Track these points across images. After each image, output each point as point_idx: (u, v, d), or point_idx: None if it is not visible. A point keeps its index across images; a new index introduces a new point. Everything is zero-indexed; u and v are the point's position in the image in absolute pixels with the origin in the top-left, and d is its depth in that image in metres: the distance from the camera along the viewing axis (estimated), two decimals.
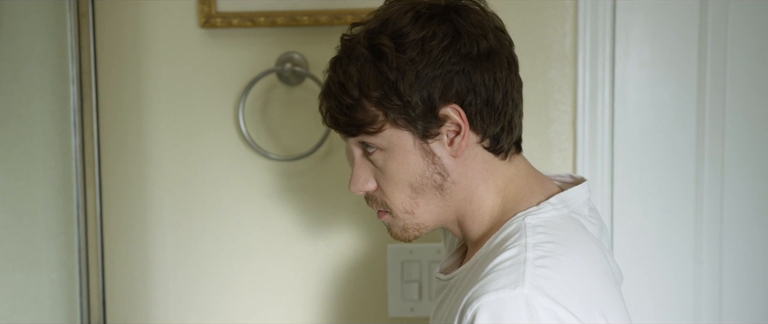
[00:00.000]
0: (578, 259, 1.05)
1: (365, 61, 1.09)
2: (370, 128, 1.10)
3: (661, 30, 1.67)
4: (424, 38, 1.08)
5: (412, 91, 1.07)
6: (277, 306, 1.73)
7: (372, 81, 1.08)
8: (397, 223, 1.17)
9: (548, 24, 1.66)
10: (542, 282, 0.98)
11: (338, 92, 1.11)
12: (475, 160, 1.13)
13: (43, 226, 1.64)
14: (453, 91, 1.08)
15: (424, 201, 1.14)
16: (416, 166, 1.12)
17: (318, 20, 1.62)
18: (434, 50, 1.07)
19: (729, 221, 1.70)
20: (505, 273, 1.00)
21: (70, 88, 1.58)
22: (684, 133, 1.68)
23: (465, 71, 1.08)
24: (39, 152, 1.62)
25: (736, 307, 1.72)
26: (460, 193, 1.14)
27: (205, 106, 1.69)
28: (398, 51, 1.07)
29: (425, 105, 1.08)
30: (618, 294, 1.10)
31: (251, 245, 1.72)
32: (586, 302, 1.01)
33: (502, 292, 0.97)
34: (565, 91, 1.67)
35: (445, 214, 1.16)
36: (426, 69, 1.07)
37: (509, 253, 1.03)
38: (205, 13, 1.63)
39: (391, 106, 1.08)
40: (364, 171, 1.16)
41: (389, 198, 1.14)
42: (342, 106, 1.11)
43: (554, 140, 1.68)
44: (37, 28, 1.60)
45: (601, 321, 1.01)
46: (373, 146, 1.13)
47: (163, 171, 1.70)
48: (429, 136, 1.10)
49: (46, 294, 1.65)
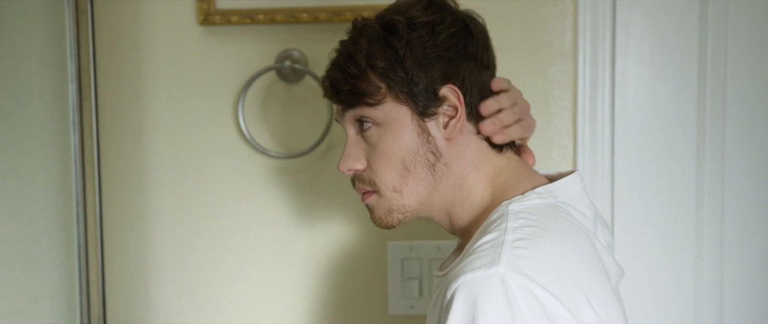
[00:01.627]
0: (558, 242, 1.05)
1: (376, 36, 1.14)
2: (371, 99, 1.13)
3: (661, 26, 1.67)
4: (434, 21, 1.13)
5: (417, 67, 1.12)
6: (277, 304, 1.73)
7: (380, 52, 1.13)
8: (382, 204, 1.18)
9: (548, 21, 1.65)
10: (518, 261, 0.99)
11: (345, 62, 1.15)
12: (469, 148, 1.15)
13: (42, 224, 1.64)
14: (454, 75, 1.13)
15: (414, 181, 1.15)
16: (411, 142, 1.14)
17: (317, 17, 1.62)
18: (443, 33, 1.13)
19: (730, 217, 1.70)
20: (483, 254, 1.01)
21: (69, 86, 1.58)
22: (684, 129, 1.68)
23: (467, 64, 1.14)
24: (38, 151, 1.62)
25: (737, 303, 1.72)
26: (451, 177, 1.15)
27: (204, 103, 1.69)
28: (409, 28, 1.12)
29: (428, 82, 1.12)
30: (604, 278, 1.08)
31: (251, 243, 1.71)
32: (564, 281, 1.00)
33: (478, 272, 0.98)
34: (565, 88, 1.66)
35: (432, 199, 1.16)
36: (433, 49, 1.12)
37: (489, 236, 1.04)
38: (204, 11, 1.63)
39: (395, 78, 1.12)
40: (356, 149, 1.18)
41: (378, 175, 1.16)
42: (347, 75, 1.14)
43: (554, 137, 1.67)
44: (35, 26, 1.60)
45: (582, 300, 1.01)
46: (369, 121, 1.15)
47: (162, 169, 1.70)
48: (426, 115, 1.13)
49: (46, 292, 1.65)
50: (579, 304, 1.00)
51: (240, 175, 1.70)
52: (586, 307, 1.01)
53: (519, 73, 1.65)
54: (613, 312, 1.06)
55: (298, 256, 1.72)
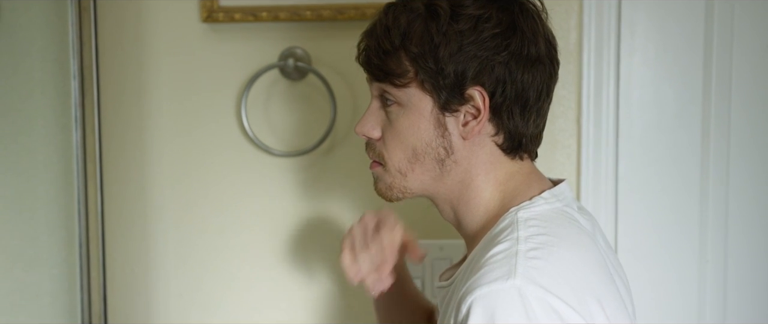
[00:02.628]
0: (571, 250, 1.05)
1: (417, 16, 1.10)
2: (397, 81, 1.12)
3: (666, 26, 1.66)
4: (480, 17, 1.08)
5: (450, 61, 1.08)
6: (279, 303, 1.72)
7: (416, 36, 1.09)
8: (385, 179, 1.18)
9: (553, 20, 1.63)
10: (534, 273, 0.98)
11: (381, 34, 1.12)
12: (483, 150, 1.13)
13: (43, 221, 1.64)
14: (487, 77, 1.09)
15: (421, 169, 1.15)
16: (426, 132, 1.12)
17: (321, 15, 1.61)
18: (485, 32, 1.08)
19: (734, 219, 1.69)
20: (497, 266, 1.00)
21: (72, 82, 1.58)
22: (689, 130, 1.68)
23: (507, 64, 1.09)
24: (40, 147, 1.62)
25: (740, 305, 1.71)
26: (459, 175, 1.14)
27: (207, 101, 1.68)
28: (452, 18, 1.08)
29: (456, 78, 1.09)
30: (613, 285, 1.09)
31: (253, 241, 1.71)
32: (579, 291, 1.00)
33: (494, 285, 0.97)
34: (570, 88, 1.66)
35: (436, 189, 1.16)
36: (471, 46, 1.08)
37: (502, 247, 1.03)
38: (207, 8, 1.62)
39: (424, 67, 1.09)
40: (375, 118, 1.17)
41: (389, 152, 1.16)
42: (380, 49, 1.12)
43: (559, 137, 1.67)
44: (38, 23, 1.59)
45: (597, 308, 1.01)
46: (392, 98, 1.14)
47: (164, 166, 1.70)
48: (448, 110, 1.11)
49: (47, 290, 1.65)
50: (594, 312, 1.00)
51: (242, 173, 1.69)
52: (600, 314, 1.01)
53: None
54: (622, 317, 1.06)
55: (301, 254, 1.71)
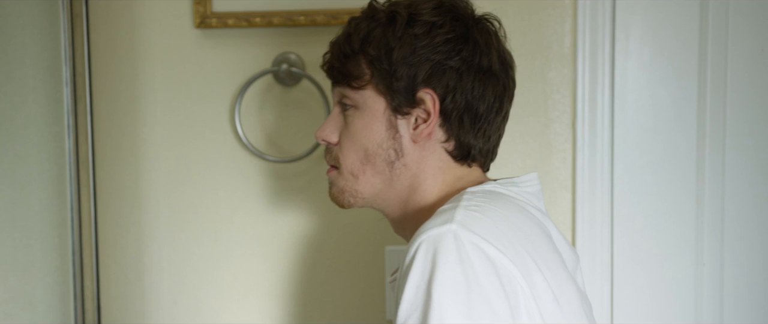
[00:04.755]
0: (508, 209, 1.09)
1: (377, 23, 1.16)
2: (354, 83, 1.17)
3: (661, 30, 1.66)
4: (434, 23, 1.14)
5: (403, 63, 1.14)
6: (274, 308, 1.71)
7: (375, 40, 1.15)
8: (338, 183, 1.22)
9: (547, 24, 1.64)
10: (470, 221, 1.03)
11: (343, 41, 1.19)
12: (433, 155, 1.17)
13: (36, 228, 1.63)
14: (438, 81, 1.14)
15: (372, 171, 1.18)
16: (378, 133, 1.17)
17: (314, 20, 1.61)
18: (438, 37, 1.14)
19: (730, 222, 1.69)
20: (437, 216, 1.05)
21: (64, 89, 1.57)
22: (684, 133, 1.67)
23: (458, 70, 1.14)
24: (32, 154, 1.61)
25: (737, 309, 1.71)
26: (408, 179, 1.18)
27: (200, 107, 1.68)
28: (408, 24, 1.14)
29: (408, 81, 1.14)
30: (556, 254, 1.10)
31: (247, 247, 1.70)
32: (516, 245, 1.03)
33: (434, 230, 1.02)
34: (565, 92, 1.65)
35: (387, 194, 1.19)
36: (424, 49, 1.14)
37: (444, 207, 1.09)
38: (200, 14, 1.62)
39: (379, 68, 1.15)
40: (334, 123, 1.22)
41: (343, 154, 1.20)
42: (341, 53, 1.18)
43: (554, 141, 1.66)
44: (30, 30, 1.59)
45: (533, 266, 1.03)
46: (349, 102, 1.19)
47: (158, 173, 1.69)
48: (399, 112, 1.16)
49: (40, 297, 1.64)
50: (530, 268, 1.03)
51: (236, 179, 1.69)
52: (537, 273, 1.03)
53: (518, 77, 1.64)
54: (568, 288, 1.07)
55: (295, 260, 1.70)
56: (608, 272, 1.68)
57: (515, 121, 1.66)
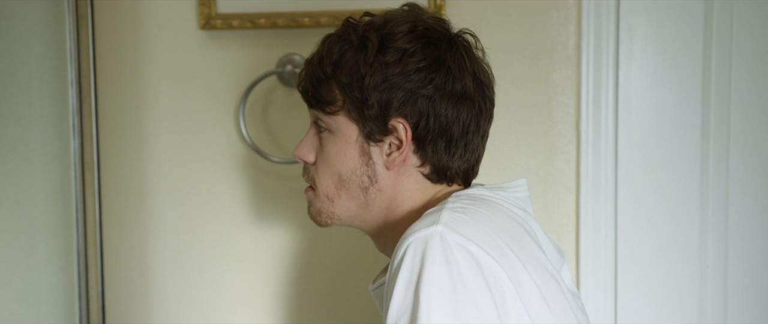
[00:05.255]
0: (492, 211, 1.09)
1: (350, 47, 1.14)
2: (328, 108, 1.16)
3: (665, 32, 1.66)
4: (406, 50, 1.12)
5: (374, 91, 1.12)
6: (277, 309, 1.72)
7: (346, 66, 1.13)
8: (315, 203, 1.21)
9: (552, 26, 1.64)
10: (455, 222, 1.03)
11: (316, 63, 1.17)
12: (409, 179, 1.16)
13: (41, 229, 1.63)
14: (410, 109, 1.12)
15: (347, 196, 1.18)
16: (351, 160, 1.16)
17: (319, 21, 1.61)
18: (410, 65, 1.12)
19: (734, 224, 1.69)
20: (423, 219, 1.05)
21: (69, 90, 1.58)
22: (688, 135, 1.67)
23: (431, 98, 1.12)
24: (38, 155, 1.61)
25: (741, 311, 1.70)
26: (384, 202, 1.17)
27: (205, 108, 1.68)
28: (379, 51, 1.12)
29: (380, 109, 1.13)
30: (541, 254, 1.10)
31: (251, 248, 1.71)
32: (501, 246, 1.04)
33: (420, 232, 1.02)
34: (569, 93, 1.65)
35: (364, 216, 1.19)
36: (395, 77, 1.12)
37: (431, 210, 1.08)
38: (205, 15, 1.62)
39: (351, 96, 1.13)
40: (311, 143, 1.21)
41: (319, 177, 1.19)
42: (314, 77, 1.17)
43: (558, 142, 1.66)
44: (35, 31, 1.59)
45: (519, 266, 1.03)
46: (324, 125, 1.18)
47: (162, 174, 1.69)
48: (372, 140, 1.15)
49: (45, 298, 1.64)
50: (516, 267, 1.03)
51: (241, 180, 1.69)
52: (523, 272, 1.03)
53: (522, 78, 1.65)
54: (554, 286, 1.07)
55: (299, 261, 1.71)
56: (612, 273, 1.68)
57: (519, 122, 1.66)
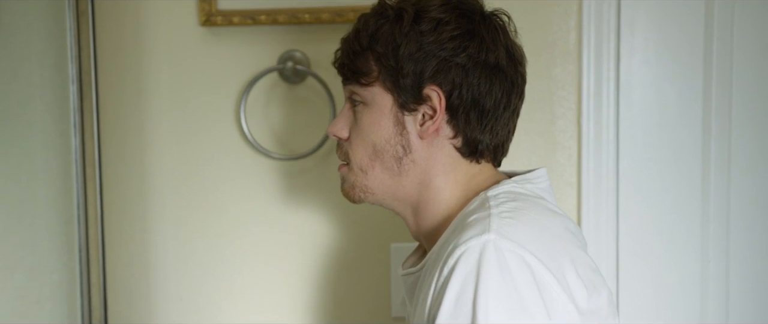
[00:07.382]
0: (540, 214, 1.10)
1: (386, 20, 1.16)
2: (363, 79, 1.18)
3: (666, 26, 1.65)
4: (441, 20, 1.14)
5: (409, 60, 1.14)
6: (279, 305, 1.72)
7: (382, 37, 1.16)
8: (349, 178, 1.23)
9: (553, 20, 1.64)
10: (507, 229, 1.04)
11: (352, 37, 1.19)
12: (442, 152, 1.17)
13: (43, 226, 1.63)
14: (443, 78, 1.14)
15: (381, 167, 1.19)
16: (386, 130, 1.18)
17: (320, 18, 1.61)
18: (444, 34, 1.14)
19: (736, 218, 1.69)
20: (472, 226, 1.05)
21: (70, 87, 1.57)
22: (690, 129, 1.67)
23: (464, 67, 1.14)
24: (39, 152, 1.61)
25: (743, 305, 1.71)
26: (417, 175, 1.18)
27: (206, 105, 1.68)
28: (414, 21, 1.15)
29: (415, 78, 1.14)
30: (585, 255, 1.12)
31: (253, 244, 1.71)
32: (551, 249, 1.05)
33: (471, 241, 1.02)
34: (570, 88, 1.65)
35: (397, 191, 1.20)
36: (429, 46, 1.14)
37: (475, 215, 1.08)
38: (205, 11, 1.62)
39: (386, 65, 1.16)
40: (345, 120, 1.23)
41: (353, 150, 1.21)
42: (350, 50, 1.19)
43: (559, 137, 1.66)
44: (36, 27, 1.59)
45: (569, 268, 1.04)
46: (359, 98, 1.20)
47: (164, 170, 1.69)
48: (406, 109, 1.16)
49: (47, 295, 1.64)
50: (566, 272, 1.04)
51: (242, 177, 1.69)
52: (573, 274, 1.05)
53: None
54: (600, 286, 1.09)
55: (301, 257, 1.71)
56: (613, 268, 1.68)
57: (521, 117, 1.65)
